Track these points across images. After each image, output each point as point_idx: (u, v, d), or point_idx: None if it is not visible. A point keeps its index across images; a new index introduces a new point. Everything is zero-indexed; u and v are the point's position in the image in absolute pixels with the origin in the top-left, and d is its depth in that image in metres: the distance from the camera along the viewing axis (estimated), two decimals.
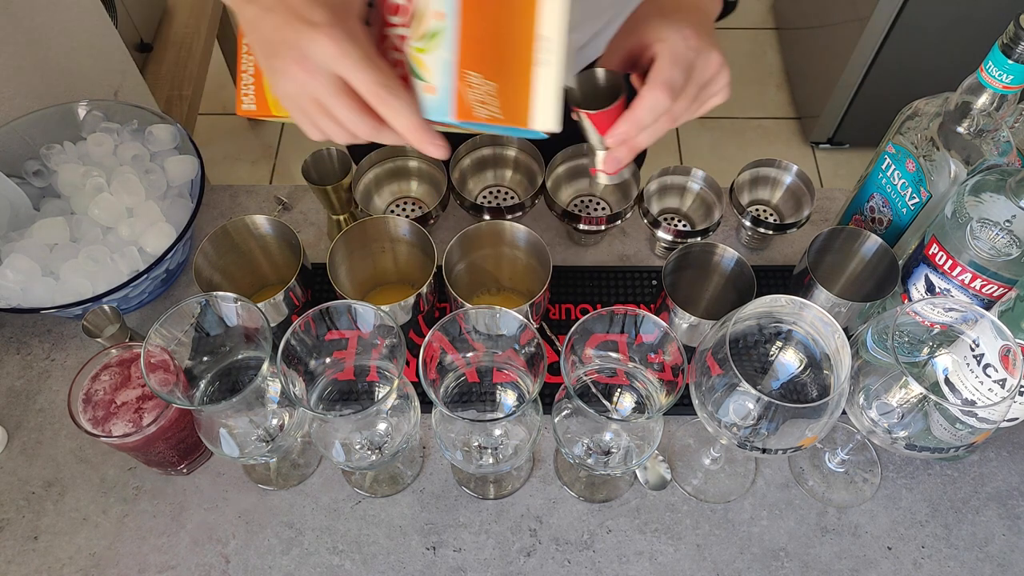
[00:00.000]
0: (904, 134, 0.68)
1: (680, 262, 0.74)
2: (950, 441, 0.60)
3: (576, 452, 0.64)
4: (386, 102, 0.46)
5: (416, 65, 0.49)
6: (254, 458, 0.63)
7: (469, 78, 0.48)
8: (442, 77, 0.48)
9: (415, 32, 0.49)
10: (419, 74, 0.49)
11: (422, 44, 0.49)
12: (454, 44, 0.48)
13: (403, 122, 0.47)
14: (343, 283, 0.74)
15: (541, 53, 0.48)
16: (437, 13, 0.48)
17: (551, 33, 0.47)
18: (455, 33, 0.47)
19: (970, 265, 0.62)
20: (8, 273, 0.72)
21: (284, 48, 0.46)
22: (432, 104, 0.49)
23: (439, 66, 0.48)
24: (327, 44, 0.45)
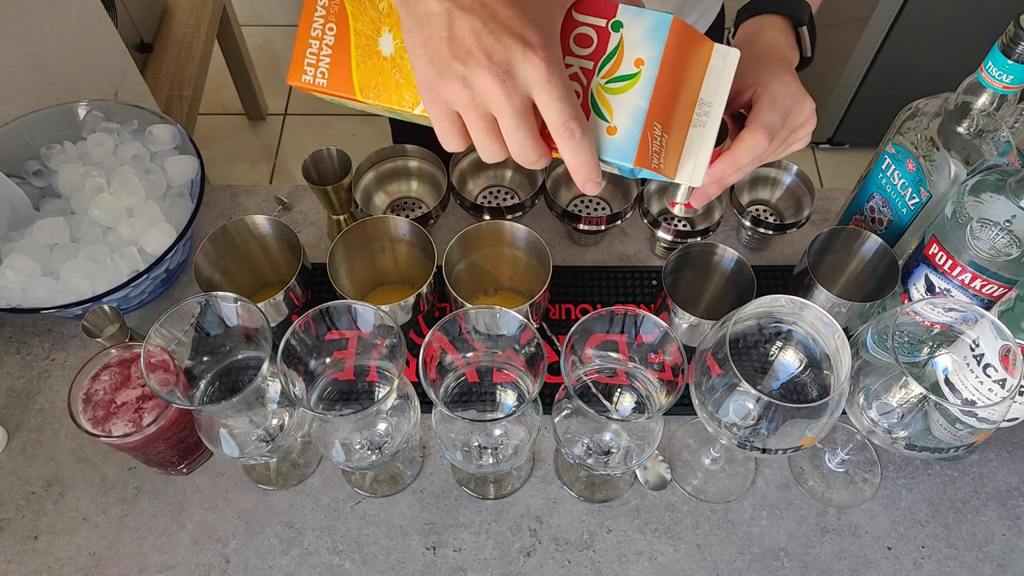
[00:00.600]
0: (904, 134, 0.68)
1: (680, 262, 0.74)
2: (950, 441, 0.60)
3: (576, 452, 0.64)
4: (576, 137, 0.45)
5: (600, 103, 0.49)
6: (254, 458, 0.63)
7: (654, 128, 0.48)
8: (630, 122, 0.48)
9: (606, 70, 0.48)
10: (602, 113, 0.49)
11: (612, 84, 0.48)
12: (649, 93, 0.47)
13: (582, 158, 0.46)
14: (343, 283, 0.74)
15: (698, 115, 0.50)
16: (638, 60, 0.48)
17: (712, 99, 0.50)
18: (653, 82, 0.47)
19: (970, 265, 0.62)
20: (8, 273, 0.72)
21: (481, 57, 0.43)
22: (611, 145, 0.48)
23: (629, 111, 0.48)
24: (541, 68, 0.43)
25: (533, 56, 0.43)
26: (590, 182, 0.48)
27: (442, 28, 0.43)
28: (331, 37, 0.51)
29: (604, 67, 0.48)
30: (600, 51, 0.49)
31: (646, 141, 0.48)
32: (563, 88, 0.44)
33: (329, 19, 0.51)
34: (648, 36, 0.47)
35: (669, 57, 0.47)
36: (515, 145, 0.46)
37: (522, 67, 0.43)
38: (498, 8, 0.43)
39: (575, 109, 0.45)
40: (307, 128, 2.19)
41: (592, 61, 0.49)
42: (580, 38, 0.49)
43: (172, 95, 1.59)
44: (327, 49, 0.51)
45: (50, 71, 1.08)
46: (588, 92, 0.49)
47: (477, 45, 0.43)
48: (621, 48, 0.48)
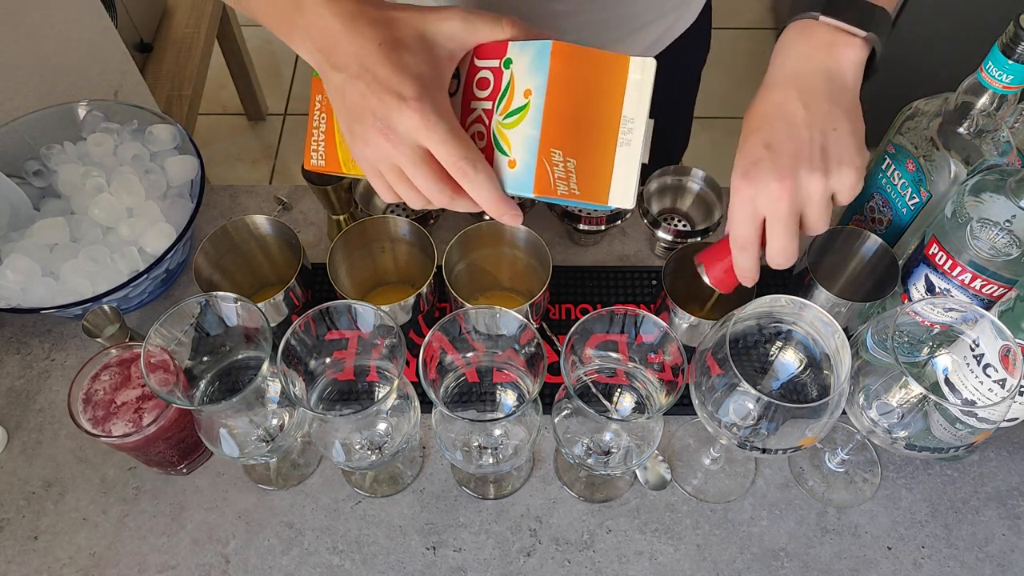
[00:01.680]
0: (904, 134, 0.68)
1: (680, 262, 0.74)
2: (950, 441, 0.60)
3: (576, 452, 0.64)
4: (468, 175, 0.48)
5: (500, 139, 0.50)
6: (254, 458, 0.63)
7: (552, 155, 0.48)
8: (525, 153, 0.49)
9: (502, 107, 0.50)
10: (502, 148, 0.50)
11: (507, 119, 0.50)
12: (539, 121, 0.48)
13: (483, 195, 0.49)
14: (343, 283, 0.74)
15: (623, 134, 0.50)
16: (527, 91, 0.49)
17: (634, 114, 0.49)
18: (541, 111, 0.48)
19: (970, 265, 0.62)
20: (8, 273, 0.72)
21: (369, 116, 0.47)
22: (512, 178, 0.50)
23: (523, 142, 0.49)
24: (414, 117, 0.46)
25: (406, 108, 0.46)
26: (505, 215, 0.50)
27: (341, 96, 0.49)
28: (324, 125, 0.59)
29: (500, 104, 0.50)
30: (496, 90, 0.50)
31: (543, 169, 0.48)
32: (444, 132, 0.47)
33: (323, 111, 0.59)
34: (532, 65, 0.48)
35: (557, 82, 0.48)
36: (422, 189, 0.49)
37: (398, 119, 0.47)
38: (378, 70, 0.47)
39: (463, 150, 0.47)
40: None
41: (491, 101, 0.51)
42: (481, 82, 0.51)
43: (172, 95, 1.59)
44: (321, 135, 0.59)
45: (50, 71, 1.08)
46: (490, 131, 0.51)
47: (364, 106, 0.47)
48: (512, 83, 0.50)
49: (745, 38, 2.31)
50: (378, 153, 0.49)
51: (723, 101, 2.10)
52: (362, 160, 0.50)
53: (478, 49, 0.51)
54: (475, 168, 0.48)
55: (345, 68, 0.48)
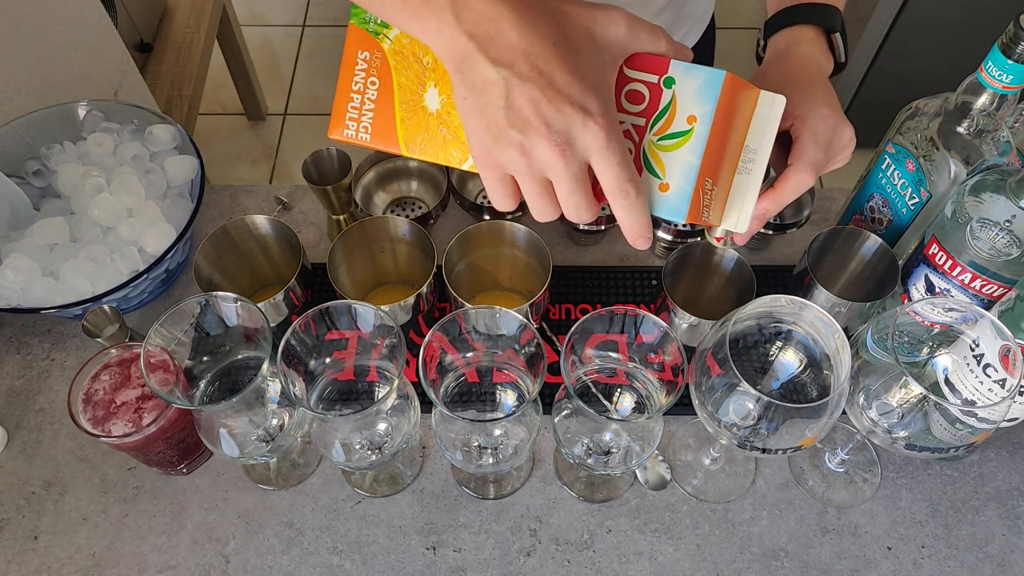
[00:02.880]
0: (904, 134, 0.68)
1: (680, 262, 0.74)
2: (950, 441, 0.60)
3: (576, 452, 0.64)
4: (630, 198, 0.45)
5: (652, 159, 0.48)
6: (254, 458, 0.63)
7: (705, 184, 0.48)
8: (682, 179, 0.47)
9: (658, 127, 0.48)
10: (654, 169, 0.48)
11: (664, 142, 0.48)
12: (702, 150, 0.47)
13: (636, 218, 0.46)
14: (343, 283, 0.74)
15: (744, 163, 0.50)
16: (691, 117, 0.47)
17: (757, 146, 0.50)
18: (704, 139, 0.47)
19: (970, 265, 0.62)
20: (8, 273, 0.72)
21: (541, 126, 0.42)
22: (663, 202, 0.48)
23: (681, 168, 0.47)
24: (600, 136, 0.43)
25: (592, 124, 0.42)
26: (641, 238, 0.47)
27: (499, 96, 0.43)
28: (374, 91, 0.51)
29: (656, 124, 0.48)
30: (652, 108, 0.48)
31: (698, 197, 0.48)
32: (620, 153, 0.44)
33: (371, 73, 0.50)
34: (700, 92, 0.47)
35: (721, 113, 0.47)
36: (570, 207, 0.46)
37: (581, 135, 0.43)
38: (556, 75, 0.42)
39: (630, 172, 0.44)
40: (307, 128, 2.19)
41: (644, 118, 0.48)
42: (632, 94, 0.48)
43: (172, 95, 1.59)
44: (369, 103, 0.51)
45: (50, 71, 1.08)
46: (640, 149, 0.48)
47: (536, 114, 0.42)
48: (673, 105, 0.47)
49: (745, 38, 2.31)
50: (535, 165, 0.44)
51: None
52: (499, 167, 0.45)
53: (631, 58, 0.48)
54: (637, 192, 0.45)
55: (510, 65, 0.42)
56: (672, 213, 0.48)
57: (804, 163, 0.54)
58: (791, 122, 0.56)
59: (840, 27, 0.63)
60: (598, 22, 0.45)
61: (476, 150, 0.46)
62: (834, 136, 0.56)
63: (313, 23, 2.42)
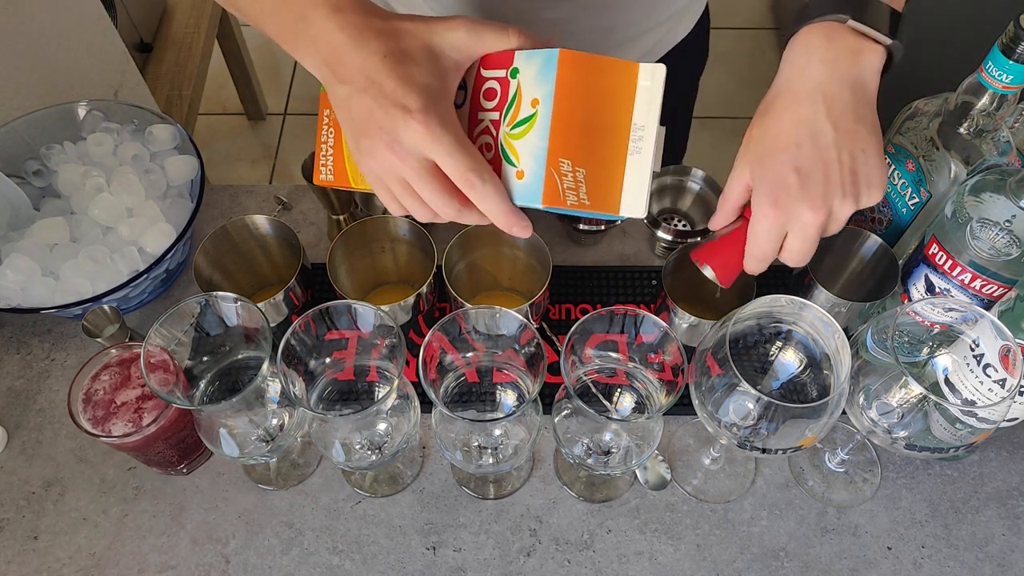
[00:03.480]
0: (904, 134, 0.68)
1: (680, 262, 0.74)
2: (950, 441, 0.60)
3: (576, 452, 0.64)
4: (475, 187, 0.47)
5: (508, 150, 0.50)
6: (254, 458, 0.63)
7: (560, 165, 0.48)
8: (533, 163, 0.48)
9: (509, 117, 0.49)
10: (510, 159, 0.50)
11: (514, 130, 0.49)
12: (547, 131, 0.47)
13: (491, 206, 0.49)
14: (343, 283, 0.74)
15: (633, 142, 0.49)
16: (533, 100, 0.48)
17: (645, 122, 0.49)
18: (549, 120, 0.47)
19: (970, 265, 0.62)
20: (8, 273, 0.72)
21: (375, 130, 0.47)
22: (521, 189, 0.49)
23: (531, 152, 0.48)
24: (420, 130, 0.46)
25: (411, 120, 0.46)
26: (514, 227, 0.50)
27: (347, 110, 0.48)
28: (331, 139, 0.58)
29: (507, 114, 0.50)
30: (503, 100, 0.50)
31: (552, 179, 0.48)
32: (450, 144, 0.46)
33: (331, 126, 0.58)
34: (539, 75, 0.48)
35: (564, 90, 0.47)
36: (429, 202, 0.49)
37: (404, 132, 0.46)
38: (384, 82, 0.46)
39: (470, 161, 0.47)
40: (307, 128, 2.19)
41: (498, 112, 0.50)
42: (488, 92, 0.51)
43: (172, 95, 1.59)
44: (330, 150, 0.58)
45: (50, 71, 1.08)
46: (498, 142, 0.50)
47: (371, 119, 0.47)
48: (519, 93, 0.49)
49: (745, 38, 2.31)
50: (385, 167, 0.48)
51: (723, 101, 2.10)
52: (369, 174, 0.50)
53: (485, 59, 0.51)
54: (482, 180, 0.47)
55: (351, 81, 0.47)
56: (528, 199, 0.49)
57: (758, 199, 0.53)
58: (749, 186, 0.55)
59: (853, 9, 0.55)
60: (436, 32, 0.49)
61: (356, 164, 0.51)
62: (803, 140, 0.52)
63: None
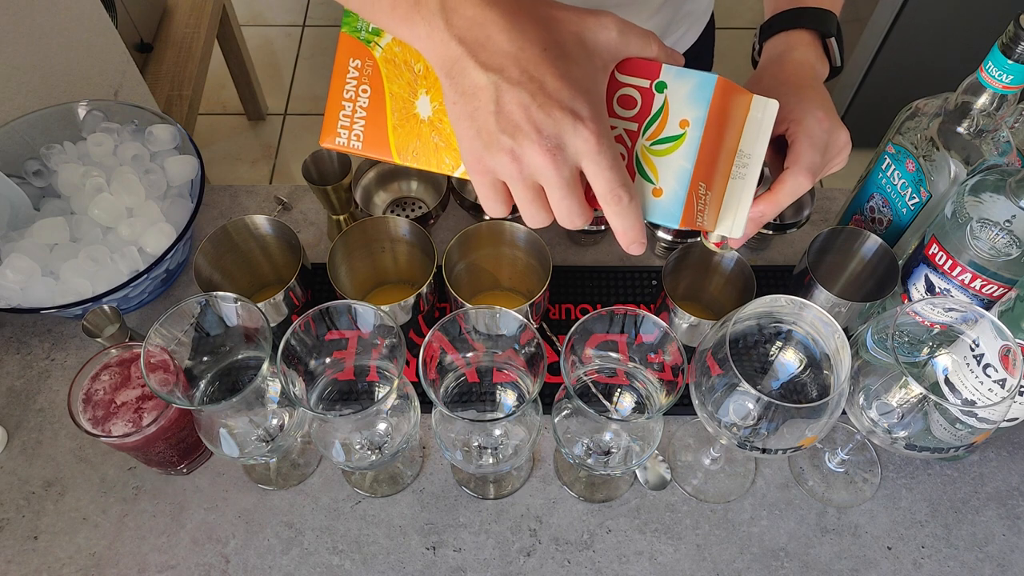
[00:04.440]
0: (904, 134, 0.68)
1: (680, 262, 0.74)
2: (950, 441, 0.60)
3: (576, 452, 0.64)
4: (623, 203, 0.45)
5: (645, 164, 0.48)
6: (254, 458, 0.63)
7: (699, 188, 0.48)
8: (676, 184, 0.47)
9: (651, 132, 0.48)
10: (647, 175, 0.48)
11: (657, 146, 0.48)
12: (695, 155, 0.47)
13: (628, 223, 0.46)
14: (343, 283, 0.74)
15: (738, 167, 0.49)
16: (683, 121, 0.47)
17: (751, 151, 0.49)
18: (698, 144, 0.47)
19: (970, 265, 0.62)
20: (8, 273, 0.72)
21: (531, 131, 0.42)
22: (657, 207, 0.48)
23: (675, 173, 0.47)
24: (591, 140, 0.43)
25: (583, 129, 0.42)
26: (635, 243, 0.47)
27: (489, 101, 0.43)
28: (365, 99, 0.50)
29: (649, 129, 0.48)
30: (644, 113, 0.48)
31: (691, 202, 0.47)
32: (612, 158, 0.43)
33: (363, 81, 0.50)
34: (693, 96, 0.47)
35: (713, 117, 0.47)
36: (562, 212, 0.45)
37: (572, 140, 0.42)
38: (547, 80, 0.42)
39: (623, 177, 0.44)
40: (307, 128, 2.19)
41: (636, 123, 0.48)
42: (624, 99, 0.48)
43: (172, 95, 1.59)
44: (361, 111, 0.50)
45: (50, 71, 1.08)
46: (633, 153, 0.48)
47: (526, 119, 0.42)
48: (665, 109, 0.47)
49: (745, 38, 2.31)
50: (526, 170, 0.44)
51: None
52: (489, 172, 0.45)
53: (623, 63, 0.48)
54: (630, 197, 0.45)
55: (500, 70, 0.42)
56: (666, 218, 0.48)
57: (801, 166, 0.54)
58: (786, 126, 0.56)
59: (836, 32, 0.64)
60: (588, 28, 0.45)
61: (467, 156, 0.45)
62: (830, 139, 0.56)
63: (313, 23, 2.42)
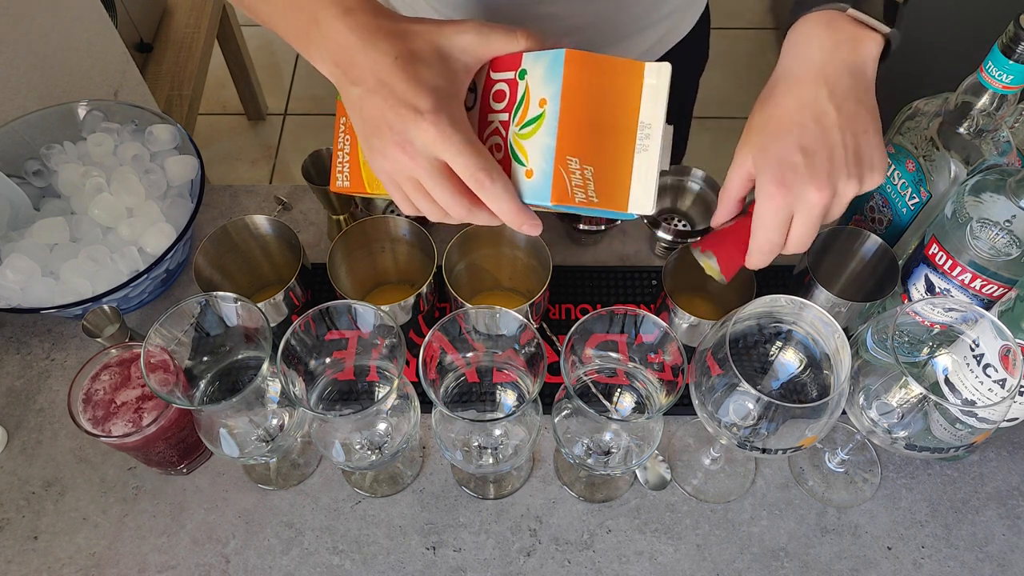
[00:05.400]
0: (904, 134, 0.68)
1: (680, 262, 0.74)
2: (950, 441, 0.60)
3: (576, 452, 0.64)
4: (485, 186, 0.48)
5: (517, 150, 0.50)
6: (254, 458, 0.63)
7: (568, 163, 0.49)
8: (542, 161, 0.49)
9: (518, 118, 0.50)
10: (519, 159, 0.50)
11: (523, 130, 0.50)
12: (555, 129, 0.48)
13: (501, 205, 0.49)
14: (343, 283, 0.74)
15: (640, 140, 0.50)
16: (542, 100, 0.49)
17: (651, 120, 0.49)
18: (557, 119, 0.48)
19: (970, 265, 0.62)
20: (8, 273, 0.72)
21: (386, 130, 0.48)
22: (530, 188, 0.50)
23: (539, 151, 0.49)
24: (430, 130, 0.46)
25: (423, 121, 0.46)
26: (524, 225, 0.50)
27: (359, 110, 0.49)
28: (348, 146, 0.59)
29: (516, 115, 0.50)
30: (512, 101, 0.51)
31: (561, 177, 0.48)
32: (460, 143, 0.47)
33: (347, 133, 0.59)
34: (547, 74, 0.49)
35: (571, 90, 0.48)
36: (440, 202, 0.50)
37: (415, 132, 0.47)
38: (395, 84, 0.47)
39: (480, 161, 0.47)
40: (307, 128, 2.19)
41: (507, 113, 0.51)
42: (497, 94, 0.51)
43: (172, 95, 1.59)
44: (346, 157, 0.59)
45: (50, 71, 1.08)
46: (507, 143, 0.51)
47: (382, 120, 0.48)
48: (527, 93, 0.50)
49: (745, 38, 2.31)
50: (396, 166, 0.49)
51: (723, 101, 2.10)
52: (381, 173, 0.51)
53: (494, 62, 0.51)
54: (492, 178, 0.48)
55: (362, 82, 0.48)
56: (537, 197, 0.50)
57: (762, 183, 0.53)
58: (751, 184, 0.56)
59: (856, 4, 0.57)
60: (444, 35, 0.49)
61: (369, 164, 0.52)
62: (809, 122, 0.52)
63: None
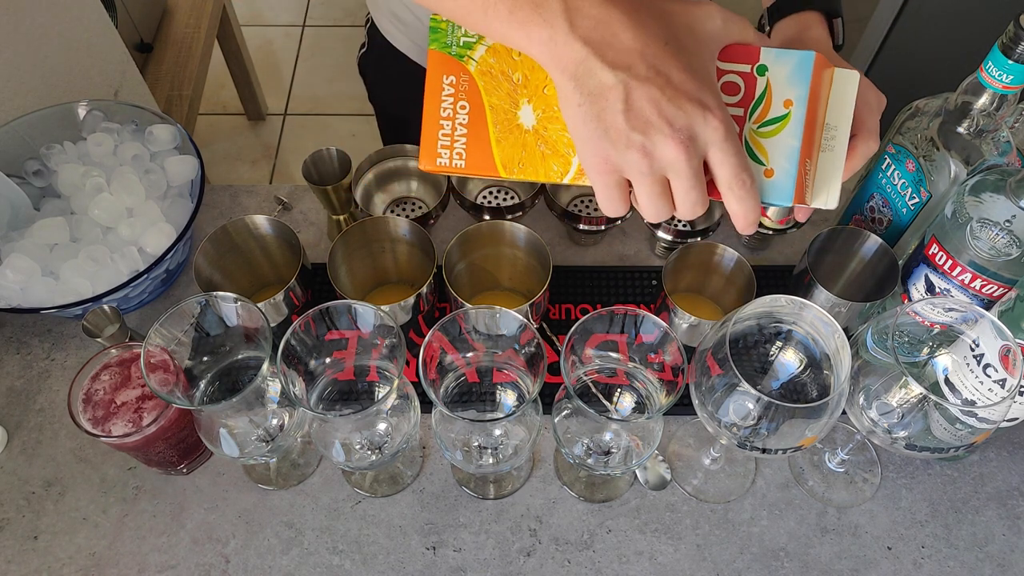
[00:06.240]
0: (904, 134, 0.68)
1: (680, 262, 0.74)
2: (950, 441, 0.60)
3: (576, 452, 0.64)
4: (746, 187, 0.45)
5: (754, 147, 0.49)
6: (254, 458, 0.63)
7: (806, 165, 0.49)
8: (786, 163, 0.48)
9: (756, 115, 0.49)
10: (757, 157, 0.49)
11: (764, 128, 0.49)
12: (801, 132, 0.48)
13: (749, 206, 0.47)
14: (343, 283, 0.74)
15: (827, 140, 0.50)
16: (787, 101, 0.48)
17: (836, 123, 0.50)
18: (803, 122, 0.48)
19: (970, 265, 0.62)
20: (8, 273, 0.72)
21: (664, 125, 0.43)
22: (771, 187, 0.49)
23: (784, 152, 0.48)
24: (720, 129, 0.43)
25: (712, 119, 0.43)
26: (752, 225, 0.48)
27: (618, 100, 0.43)
28: (464, 115, 0.49)
29: (754, 112, 0.49)
30: (749, 97, 0.49)
31: (801, 178, 0.48)
32: (737, 144, 0.44)
33: (460, 97, 0.49)
34: (794, 76, 0.48)
35: (815, 94, 0.48)
36: (688, 203, 0.46)
37: (703, 130, 0.43)
38: (672, 73, 0.43)
39: (745, 162, 0.45)
40: (307, 128, 2.19)
41: (742, 108, 0.49)
42: (728, 86, 0.49)
43: (172, 95, 1.59)
44: (461, 128, 0.49)
45: (50, 71, 1.07)
46: (742, 138, 0.49)
47: (657, 113, 0.43)
48: (769, 91, 0.49)
49: None
50: (657, 164, 0.44)
51: None
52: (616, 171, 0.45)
53: (724, 51, 0.49)
54: (752, 181, 0.46)
55: (627, 67, 0.42)
56: (780, 197, 0.49)
57: (867, 131, 0.54)
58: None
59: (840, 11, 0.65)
60: (697, 18, 0.46)
61: (592, 157, 0.45)
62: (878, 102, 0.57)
63: (313, 23, 2.42)
